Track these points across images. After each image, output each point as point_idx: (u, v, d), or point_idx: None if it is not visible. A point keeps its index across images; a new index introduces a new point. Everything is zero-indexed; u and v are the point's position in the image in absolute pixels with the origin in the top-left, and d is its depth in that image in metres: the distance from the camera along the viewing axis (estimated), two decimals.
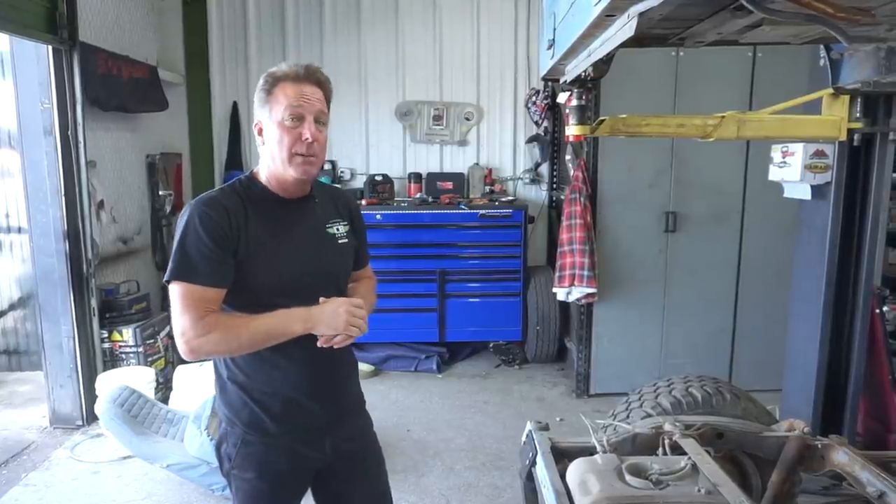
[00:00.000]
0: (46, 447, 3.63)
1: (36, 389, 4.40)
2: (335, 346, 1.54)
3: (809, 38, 1.88)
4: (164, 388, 4.05)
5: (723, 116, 2.56)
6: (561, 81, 2.27)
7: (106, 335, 3.96)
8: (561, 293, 4.13)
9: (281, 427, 1.61)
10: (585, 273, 3.95)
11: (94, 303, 3.85)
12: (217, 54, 5.34)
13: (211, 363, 4.06)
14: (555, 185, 5.36)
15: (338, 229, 1.70)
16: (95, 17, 4.05)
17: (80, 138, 3.68)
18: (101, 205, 4.12)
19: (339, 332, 1.52)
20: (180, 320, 1.47)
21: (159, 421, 3.26)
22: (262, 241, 1.55)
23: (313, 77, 1.59)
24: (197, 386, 3.75)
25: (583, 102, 2.37)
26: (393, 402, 4.25)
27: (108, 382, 3.58)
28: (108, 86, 4.06)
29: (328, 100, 1.63)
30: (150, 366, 4.01)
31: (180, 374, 3.92)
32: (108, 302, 4.04)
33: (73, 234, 3.73)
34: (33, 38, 3.41)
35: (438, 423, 3.92)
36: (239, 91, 5.40)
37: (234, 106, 5.40)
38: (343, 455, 1.73)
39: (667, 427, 2.16)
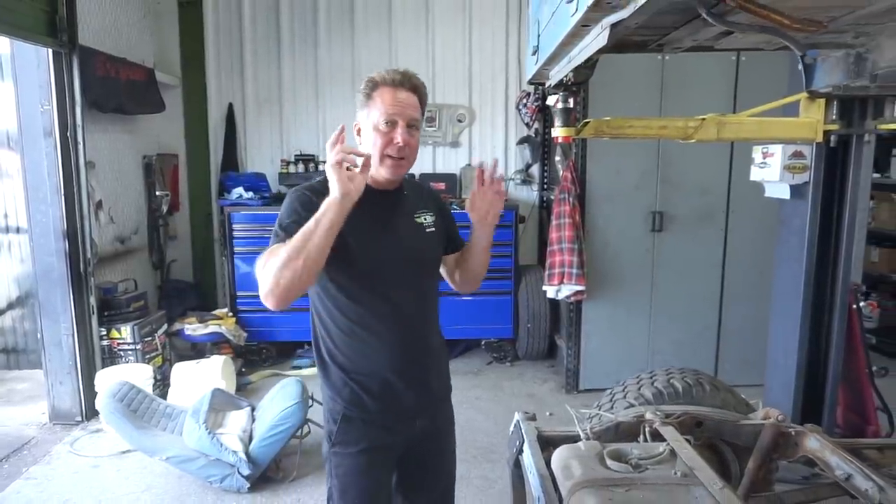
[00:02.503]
0: (46, 442, 3.70)
1: (34, 387, 4.47)
2: (358, 171, 1.51)
3: (780, 44, 1.98)
4: (161, 385, 4.12)
5: (703, 119, 2.68)
6: (546, 85, 2.37)
7: (104, 333, 4.03)
8: (551, 291, 4.23)
9: (378, 405, 1.73)
10: (574, 271, 4.05)
11: (93, 301, 3.92)
12: (213, 57, 5.42)
13: (204, 362, 4.12)
14: (545, 186, 5.46)
15: (425, 219, 1.83)
16: (94, 19, 4.12)
17: (80, 139, 3.76)
18: (99, 205, 4.19)
19: (338, 179, 1.47)
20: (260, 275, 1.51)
21: (158, 415, 3.33)
22: (359, 227, 1.63)
23: (409, 83, 1.69)
24: (194, 383, 3.84)
25: (568, 105, 2.47)
26: None
27: (107, 379, 3.66)
28: (106, 88, 4.13)
29: (423, 104, 1.74)
30: (147, 363, 4.08)
31: (178, 371, 4.00)
32: (107, 300, 4.12)
33: (73, 234, 3.81)
34: (34, 41, 3.49)
35: None
36: (234, 93, 5.48)
37: (230, 108, 5.47)
38: (426, 439, 1.86)
39: (648, 416, 2.26)
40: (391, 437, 1.78)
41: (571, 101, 2.46)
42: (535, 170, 5.51)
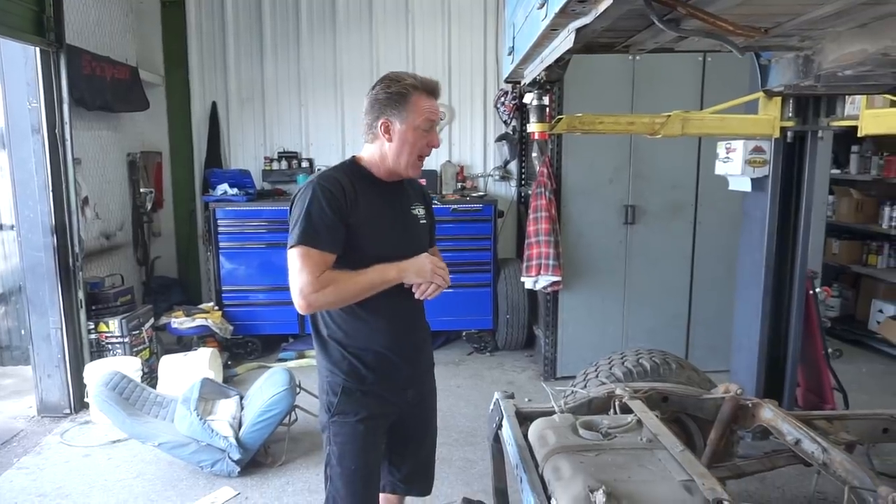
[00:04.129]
0: (36, 434, 3.76)
1: (20, 383, 4.51)
2: (428, 297, 1.87)
3: (735, 46, 2.15)
4: (149, 377, 4.20)
5: (669, 116, 2.86)
6: (522, 83, 2.53)
7: (92, 326, 4.10)
8: (528, 282, 4.40)
9: (375, 376, 1.90)
10: (551, 262, 4.22)
11: (81, 295, 3.98)
12: (196, 55, 5.49)
13: (191, 355, 4.22)
14: (523, 182, 5.63)
15: (418, 211, 1.99)
16: (77, 18, 4.19)
17: (67, 136, 3.82)
18: (85, 201, 4.26)
19: (426, 280, 1.83)
20: (299, 279, 1.72)
21: (150, 404, 3.42)
22: (369, 214, 1.83)
23: (438, 93, 1.88)
24: (182, 375, 3.93)
25: (542, 102, 2.64)
26: None
27: (97, 371, 3.73)
28: (92, 86, 4.20)
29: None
30: (135, 356, 4.16)
31: (165, 363, 4.08)
32: (94, 294, 4.18)
33: (61, 229, 3.87)
34: (22, 40, 3.55)
35: None
36: (218, 91, 5.55)
37: (213, 106, 5.55)
38: (414, 407, 2.04)
39: (618, 391, 2.43)
40: (386, 407, 1.95)
41: (546, 98, 2.64)
42: (513, 166, 5.68)
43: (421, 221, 2.00)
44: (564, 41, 1.50)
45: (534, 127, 2.66)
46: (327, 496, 1.96)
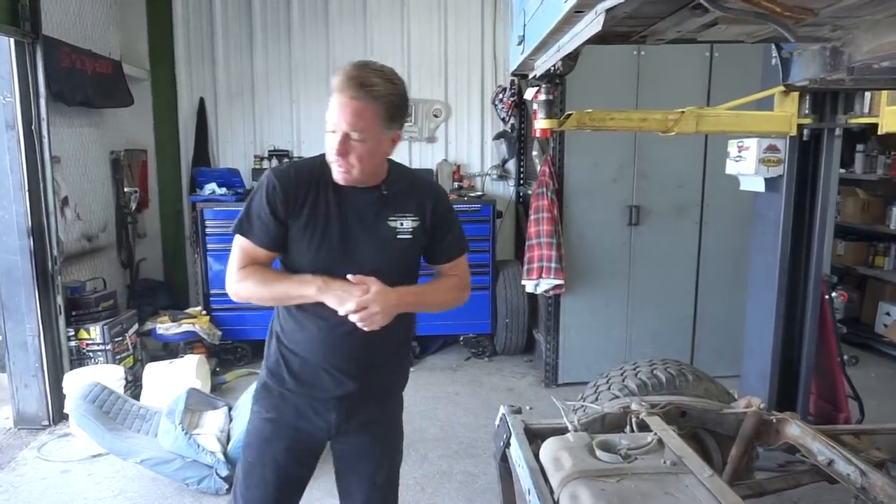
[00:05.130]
0: (12, 448, 3.56)
1: None
2: (365, 328, 1.61)
3: (761, 36, 2.01)
4: (133, 386, 4.00)
5: (683, 112, 2.71)
6: (530, 77, 2.36)
7: (72, 333, 3.90)
8: (529, 285, 4.24)
9: (295, 384, 1.74)
10: (553, 265, 4.06)
11: (60, 300, 3.78)
12: (182, 49, 5.29)
13: (177, 362, 4.03)
14: (522, 181, 5.47)
15: (401, 223, 1.69)
16: (56, 9, 3.98)
17: (44, 133, 3.62)
18: (65, 201, 4.06)
19: (345, 311, 1.58)
20: (229, 266, 1.69)
21: (132, 417, 3.24)
22: (311, 220, 1.64)
23: (350, 88, 1.50)
24: (167, 383, 3.74)
25: (551, 97, 2.48)
26: None
27: (76, 381, 3.54)
28: (72, 80, 3.99)
29: (384, 106, 1.53)
30: (118, 364, 3.96)
31: (150, 371, 3.89)
32: (74, 300, 3.98)
33: (38, 231, 3.66)
34: None
35: (411, 413, 3.88)
36: (206, 87, 5.35)
37: (201, 101, 5.35)
38: (352, 437, 1.81)
39: (633, 406, 2.27)
40: (303, 422, 1.76)
41: (553, 93, 2.48)
42: (511, 165, 5.52)
43: (400, 236, 1.69)
44: (590, 25, 1.34)
45: (542, 123, 2.50)
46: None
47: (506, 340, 4.95)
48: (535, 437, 2.23)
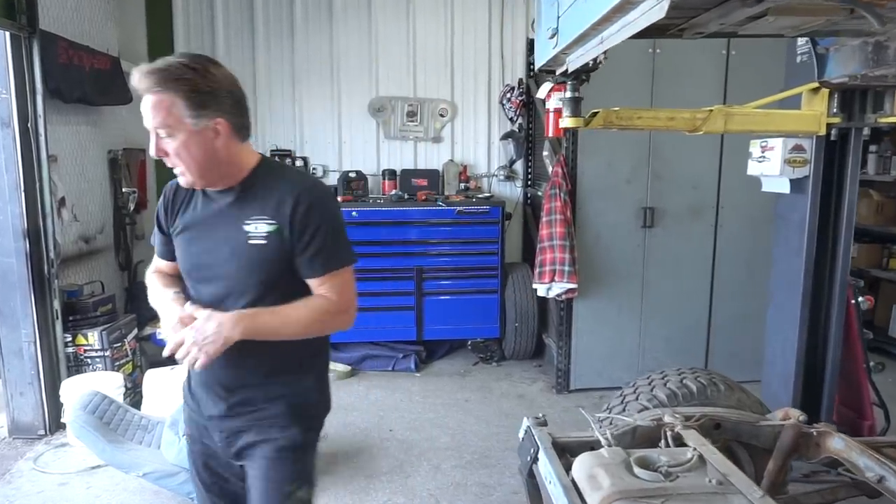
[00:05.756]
0: (6, 459, 3.41)
1: None
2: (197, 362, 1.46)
3: (805, 29, 1.90)
4: (132, 393, 3.86)
5: (711, 110, 2.61)
6: (558, 72, 2.25)
7: (70, 339, 3.76)
8: (541, 289, 4.13)
9: (190, 398, 1.74)
10: (566, 268, 3.95)
11: (56, 305, 3.64)
12: (182, 46, 5.15)
13: (179, 369, 3.89)
14: (530, 182, 5.37)
15: (256, 227, 1.52)
16: (53, 3, 3.84)
17: (41, 130, 3.48)
18: (62, 202, 3.91)
19: (169, 345, 1.48)
20: None
21: (133, 428, 3.10)
22: (182, 227, 1.64)
23: (144, 86, 1.44)
24: (169, 391, 3.60)
25: (577, 95, 2.37)
26: (373, 402, 4.17)
27: (74, 389, 3.40)
28: (69, 76, 3.85)
29: (184, 94, 1.43)
30: (117, 370, 3.82)
31: (150, 378, 3.75)
32: (72, 304, 3.84)
33: (34, 233, 3.53)
34: None
35: (421, 422, 3.86)
36: None
37: None
38: (242, 460, 1.68)
39: (667, 419, 2.16)
40: (200, 441, 1.75)
41: (579, 90, 2.38)
42: (518, 166, 5.41)
43: (252, 241, 1.52)
44: (649, 13, 1.23)
45: (567, 122, 2.39)
46: None
47: (515, 345, 4.84)
48: (563, 452, 2.12)
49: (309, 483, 1.70)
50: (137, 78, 1.44)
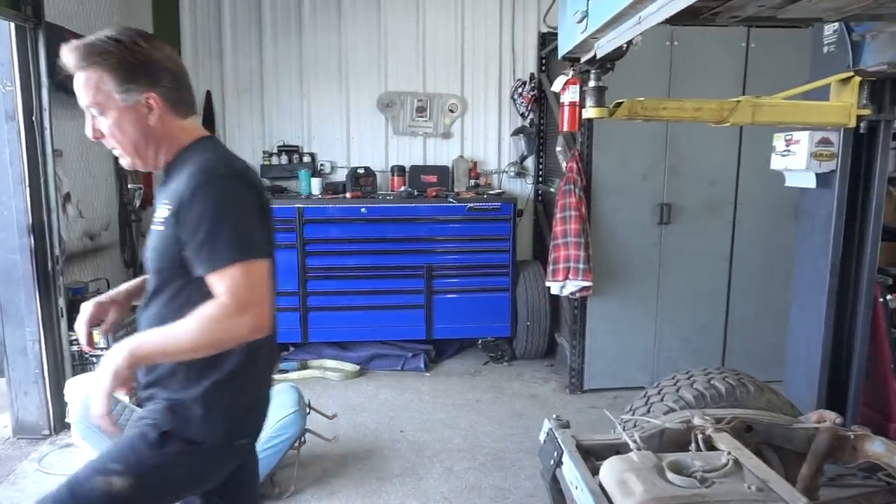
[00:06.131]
0: (10, 459, 3.34)
1: None
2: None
3: (849, 12, 1.81)
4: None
5: (738, 101, 2.52)
6: (583, 59, 2.16)
7: (75, 337, 3.68)
8: (555, 287, 4.04)
9: None
10: (581, 266, 3.87)
11: (61, 302, 3.57)
12: (189, 41, 5.07)
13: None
14: (541, 179, 5.27)
15: (158, 215, 1.43)
16: None
17: (46, 124, 3.41)
18: (67, 197, 3.84)
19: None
20: None
21: None
22: None
23: (71, 62, 1.40)
24: None
25: (601, 84, 2.28)
26: (383, 402, 4.09)
27: (79, 388, 3.33)
28: None
29: (108, 68, 1.38)
30: None
31: None
32: (77, 301, 3.74)
33: (39, 229, 3.45)
34: None
35: (432, 422, 3.78)
36: (213, 80, 5.14)
37: (208, 95, 5.13)
38: None
39: (696, 421, 2.08)
40: None
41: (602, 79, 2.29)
42: (529, 162, 5.32)
43: (154, 227, 1.44)
44: None
45: (590, 112, 2.30)
46: None
47: (526, 344, 4.75)
48: (587, 455, 2.03)
49: (134, 479, 1.42)
50: (64, 54, 1.38)
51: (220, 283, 1.34)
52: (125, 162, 1.50)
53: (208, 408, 1.46)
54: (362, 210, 4.57)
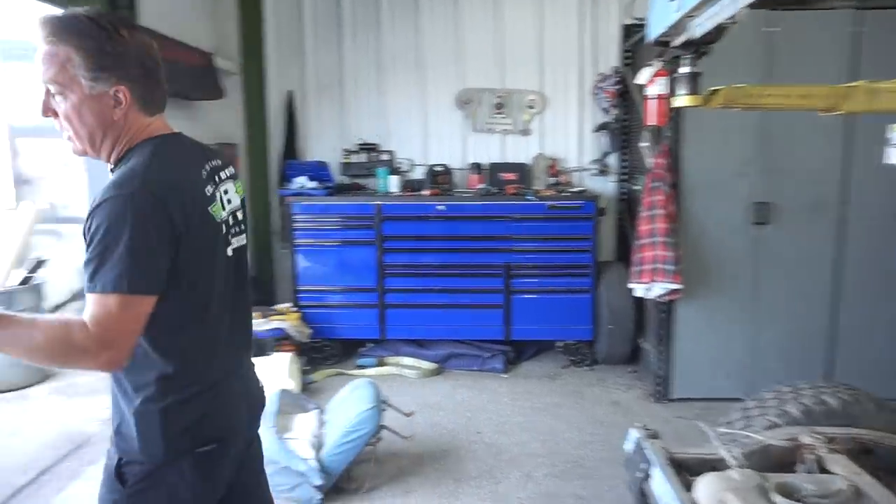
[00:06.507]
0: (106, 440, 3.52)
1: (94, 381, 4.33)
2: None
3: None
4: None
5: (853, 86, 2.28)
6: (677, 42, 2.01)
7: None
8: (640, 289, 3.85)
9: None
10: (669, 267, 3.66)
11: None
12: (273, 43, 5.22)
13: (269, 360, 3.87)
14: (625, 177, 5.06)
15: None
16: (151, 1, 3.94)
17: None
18: None
19: None
20: None
21: None
22: None
23: (42, 33, 1.28)
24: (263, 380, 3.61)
25: (696, 69, 2.12)
26: (459, 402, 4.03)
27: None
28: (168, 71, 3.93)
29: (77, 51, 1.27)
30: None
31: None
32: None
33: None
34: None
35: (510, 425, 3.69)
36: (294, 80, 5.26)
37: (290, 95, 5.26)
38: None
39: (805, 439, 1.88)
40: None
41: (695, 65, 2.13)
42: (612, 159, 5.11)
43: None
44: None
45: (683, 100, 2.14)
46: None
47: (608, 348, 4.56)
48: (679, 469, 1.89)
49: None
50: (38, 24, 1.28)
51: (94, 307, 1.21)
52: (74, 147, 1.38)
53: (144, 424, 1.34)
54: (440, 207, 4.53)
